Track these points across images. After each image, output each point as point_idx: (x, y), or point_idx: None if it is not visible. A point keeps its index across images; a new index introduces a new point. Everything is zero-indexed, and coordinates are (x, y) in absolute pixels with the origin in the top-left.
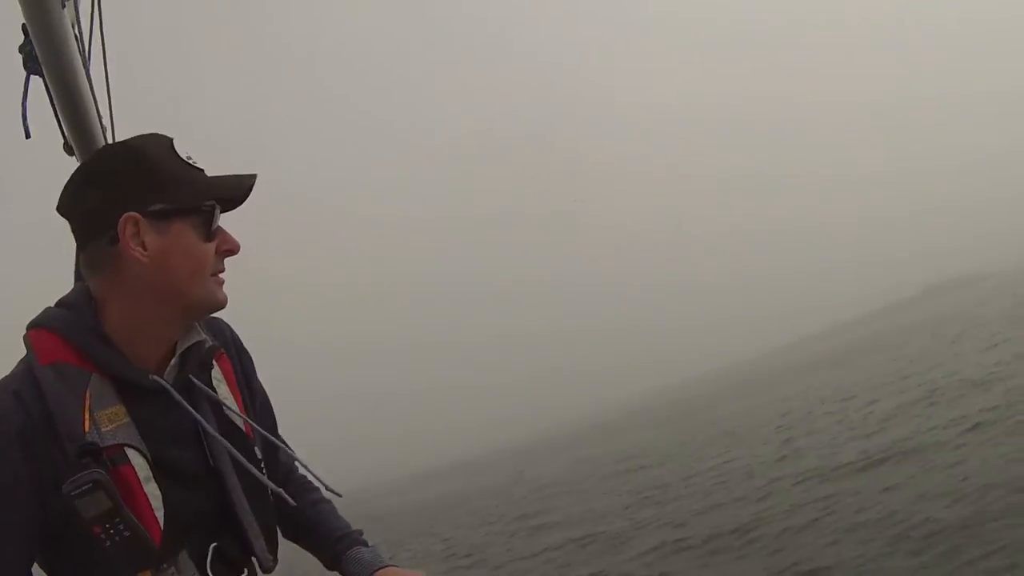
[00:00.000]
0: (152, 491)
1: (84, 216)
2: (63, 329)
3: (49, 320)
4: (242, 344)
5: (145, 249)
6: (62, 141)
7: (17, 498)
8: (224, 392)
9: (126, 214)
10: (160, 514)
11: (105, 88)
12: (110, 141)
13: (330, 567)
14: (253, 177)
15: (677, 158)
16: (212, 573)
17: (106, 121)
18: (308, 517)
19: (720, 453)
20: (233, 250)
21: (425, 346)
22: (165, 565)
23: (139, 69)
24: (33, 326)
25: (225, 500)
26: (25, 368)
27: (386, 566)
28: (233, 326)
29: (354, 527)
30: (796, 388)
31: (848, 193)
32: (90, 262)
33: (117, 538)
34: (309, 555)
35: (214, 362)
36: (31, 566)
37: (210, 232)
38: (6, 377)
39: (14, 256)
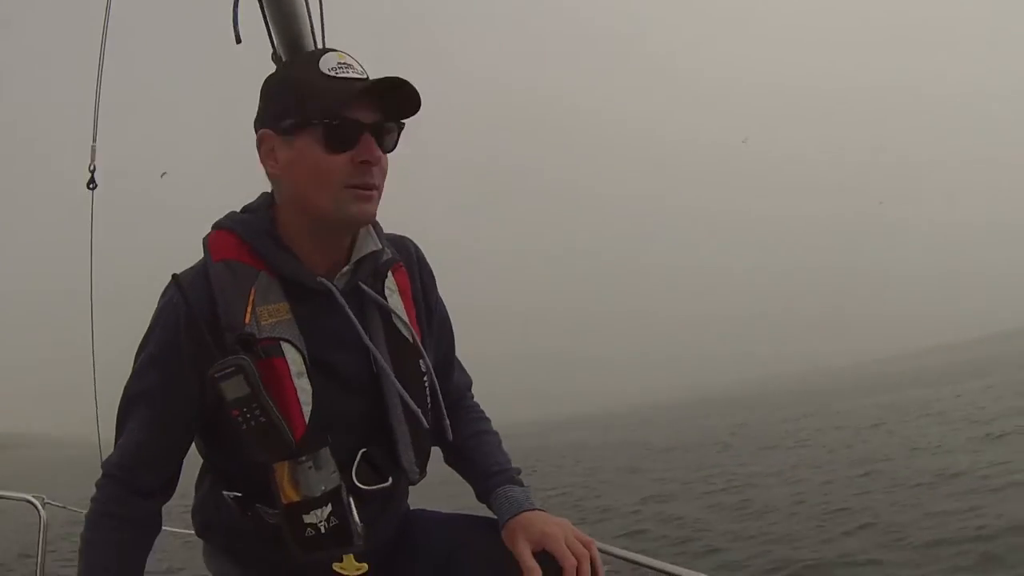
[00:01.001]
0: (303, 386)
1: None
2: (239, 230)
3: (229, 222)
4: (426, 262)
5: (276, 163)
6: (271, 51)
7: (181, 380)
8: (396, 303)
9: (261, 131)
10: (307, 409)
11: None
12: (322, 44)
13: (481, 499)
14: (388, 81)
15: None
16: (357, 476)
17: (318, 32)
18: (469, 446)
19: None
20: (371, 161)
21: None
22: (304, 458)
23: None
24: (215, 227)
25: (380, 408)
26: (200, 263)
27: (534, 509)
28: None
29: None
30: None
31: None
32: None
33: (253, 423)
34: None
35: (390, 273)
36: (191, 441)
37: (336, 143)
38: (184, 271)
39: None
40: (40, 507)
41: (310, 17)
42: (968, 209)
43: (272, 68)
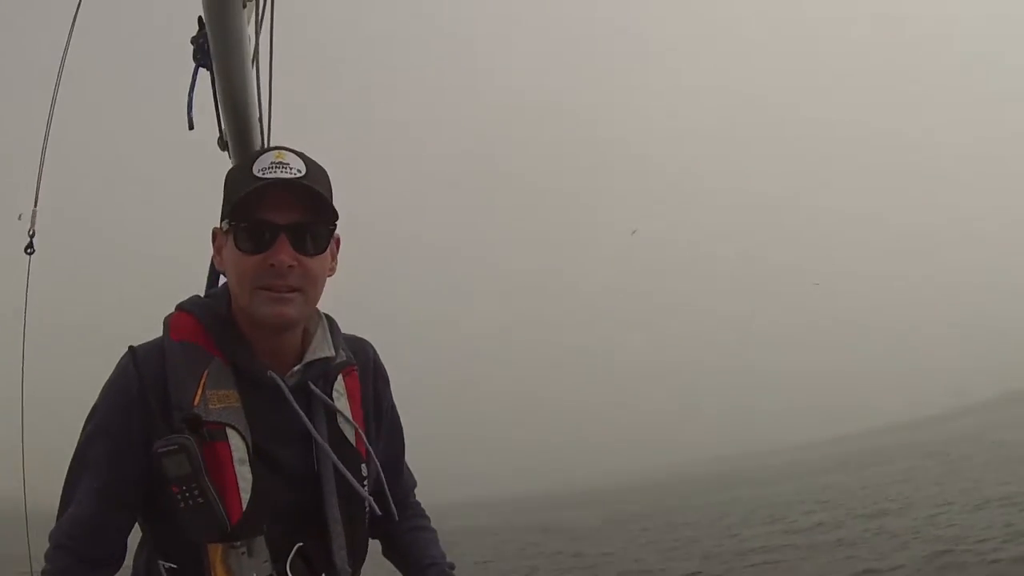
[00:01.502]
0: (243, 473)
1: None
2: (199, 314)
3: (191, 305)
4: (382, 368)
5: (221, 259)
6: (217, 135)
7: (129, 451)
8: (343, 405)
9: (214, 227)
10: (245, 496)
11: (268, 91)
12: (266, 143)
13: None
14: (274, 183)
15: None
16: (291, 569)
17: (264, 123)
18: (406, 541)
19: None
20: (275, 265)
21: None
22: (238, 543)
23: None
24: (178, 308)
25: (317, 504)
26: (158, 340)
27: None
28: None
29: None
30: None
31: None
32: None
33: (191, 501)
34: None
35: (341, 377)
36: (134, 512)
37: (248, 244)
38: (141, 345)
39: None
40: None
41: (260, 106)
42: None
43: (216, 152)
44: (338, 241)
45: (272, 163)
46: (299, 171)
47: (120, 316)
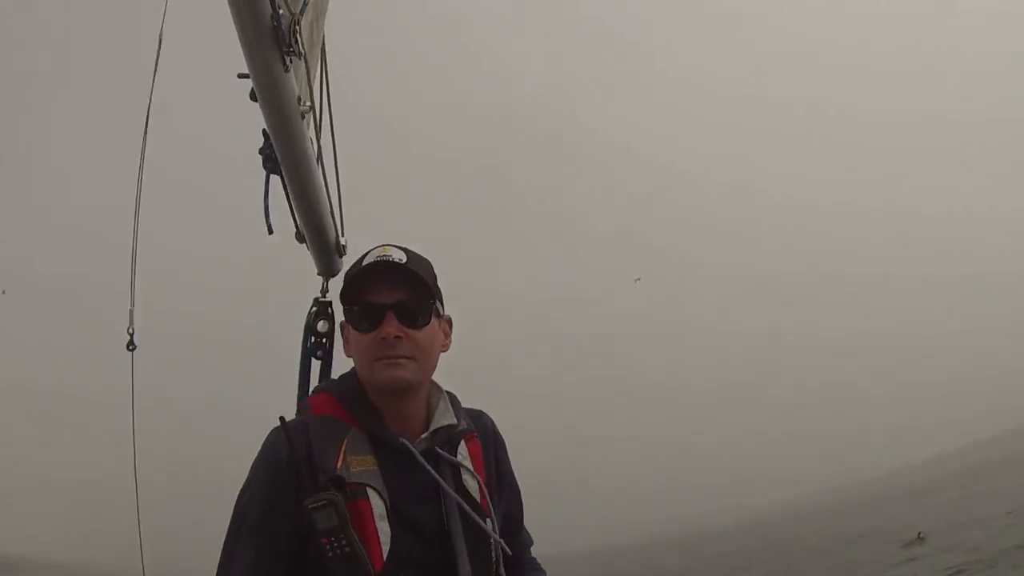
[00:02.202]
0: (383, 528)
1: None
2: (336, 392)
3: (327, 385)
4: (500, 437)
5: (347, 344)
6: (294, 230)
7: (282, 513)
8: (467, 465)
9: (342, 321)
10: (386, 548)
11: (336, 187)
12: (340, 231)
13: None
14: (373, 265)
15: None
16: None
17: (336, 214)
18: None
19: None
20: (385, 336)
21: None
22: None
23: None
24: (314, 391)
25: (449, 557)
26: (300, 418)
27: None
28: None
29: None
30: None
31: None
32: None
33: (339, 551)
34: None
35: (464, 443)
36: (289, 566)
37: (363, 324)
38: (282, 423)
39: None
40: None
41: (330, 202)
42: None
43: (294, 245)
44: (450, 321)
45: (377, 257)
46: (400, 259)
47: (225, 398)
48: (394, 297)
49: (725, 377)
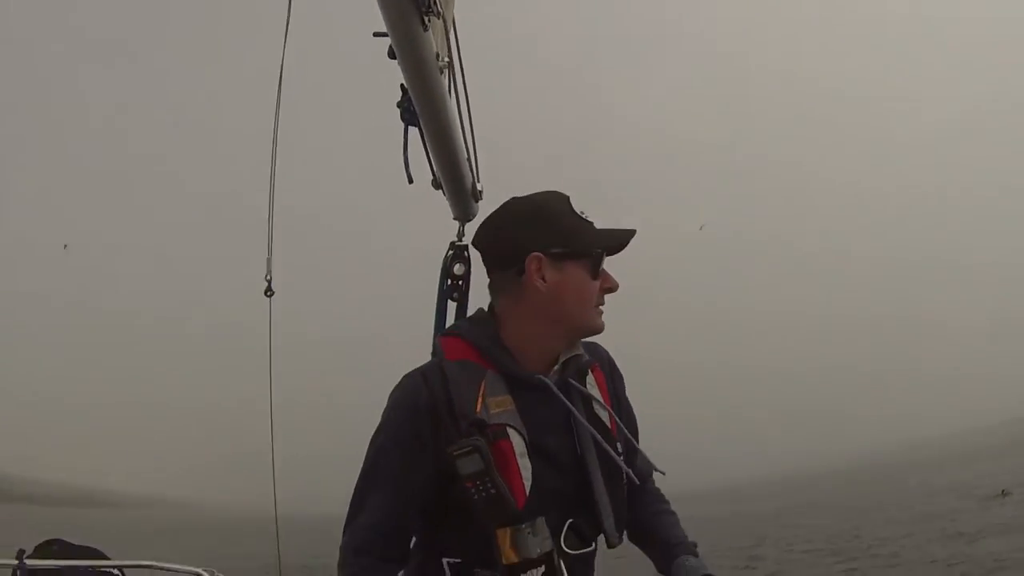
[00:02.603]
0: (524, 464)
1: (498, 251)
2: (469, 335)
3: (458, 329)
4: (616, 366)
5: (544, 281)
6: (431, 178)
7: (419, 459)
8: (596, 394)
9: (533, 253)
10: (527, 484)
11: (470, 133)
12: (476, 178)
13: (661, 571)
14: (632, 232)
15: None
16: (565, 543)
17: (472, 161)
18: (651, 524)
19: None
20: (613, 288)
21: None
22: (524, 526)
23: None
24: (444, 334)
25: (585, 483)
26: (436, 361)
27: (707, 574)
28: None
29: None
30: None
31: None
32: (497, 285)
33: (484, 494)
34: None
35: (590, 372)
36: (419, 515)
37: (597, 272)
38: (422, 367)
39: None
40: None
41: (467, 149)
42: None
43: (433, 192)
44: None
45: (580, 209)
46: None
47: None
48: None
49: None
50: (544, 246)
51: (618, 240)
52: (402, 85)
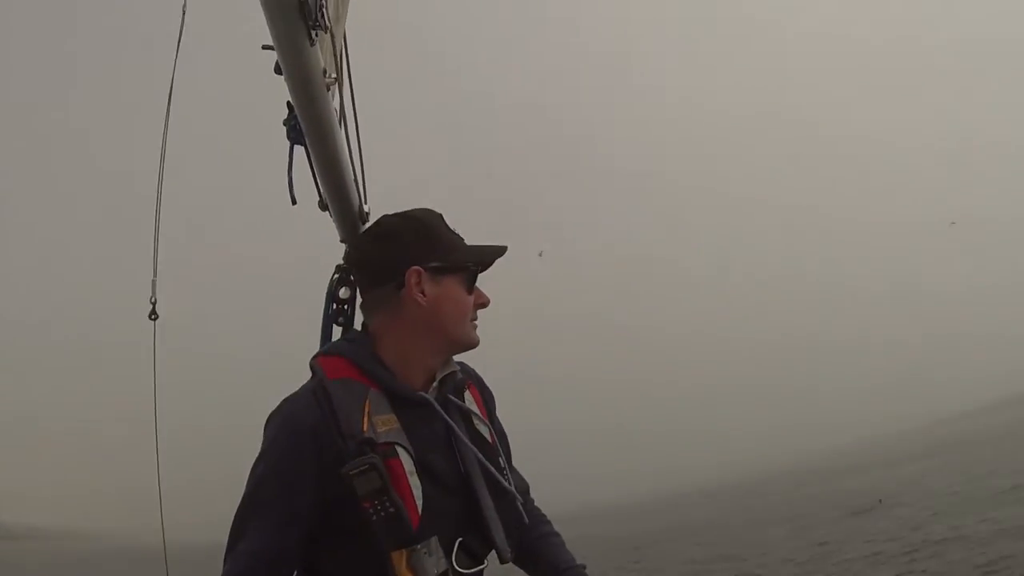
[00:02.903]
0: (415, 483)
1: (376, 266)
2: (349, 353)
3: (337, 349)
4: (484, 383)
5: (424, 295)
6: (317, 199)
7: (306, 480)
8: (476, 411)
9: (413, 267)
10: (419, 503)
11: (359, 154)
12: (363, 200)
13: None
14: (503, 249)
15: None
16: (456, 562)
17: (359, 183)
18: (537, 547)
19: None
20: (485, 303)
21: None
22: (419, 546)
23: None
24: (322, 353)
25: (472, 500)
26: (317, 382)
27: None
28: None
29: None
30: None
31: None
32: (374, 302)
33: (383, 513)
34: None
35: (467, 389)
36: (304, 544)
37: (471, 287)
38: (301, 388)
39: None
40: None
41: (354, 171)
42: None
43: (319, 213)
44: None
45: (453, 227)
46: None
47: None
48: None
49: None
50: (423, 261)
51: (491, 256)
52: (288, 103)
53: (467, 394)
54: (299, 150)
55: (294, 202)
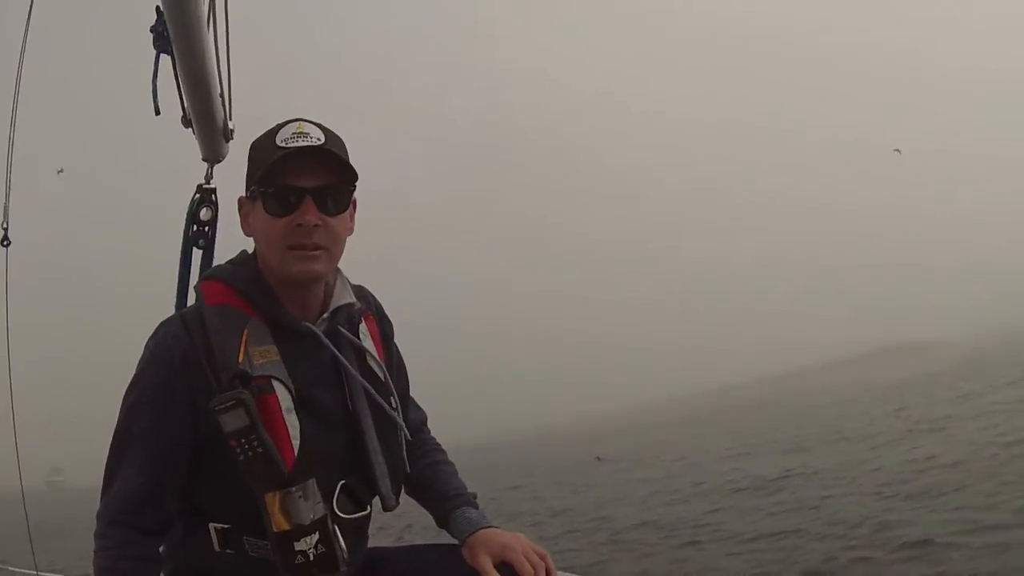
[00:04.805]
0: (292, 421)
1: None
2: (229, 278)
3: (219, 272)
4: (384, 312)
5: (248, 225)
6: (181, 114)
7: (176, 416)
8: (369, 345)
9: (239, 197)
10: (296, 443)
11: (227, 65)
12: (228, 116)
13: (440, 524)
14: (297, 151)
15: None
16: (337, 506)
17: (226, 98)
18: (427, 475)
19: None
20: (302, 225)
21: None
22: (293, 489)
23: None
24: (205, 277)
25: (358, 441)
26: (194, 308)
27: (489, 526)
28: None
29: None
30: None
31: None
32: None
33: (250, 453)
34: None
35: (362, 320)
36: (181, 479)
37: (276, 208)
38: (178, 312)
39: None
40: None
41: (221, 86)
42: None
43: (182, 130)
44: (355, 203)
45: (293, 133)
46: (319, 139)
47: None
48: (312, 181)
49: None
50: (246, 187)
51: (275, 166)
52: (157, 7)
53: (362, 326)
54: (165, 60)
55: (157, 112)
